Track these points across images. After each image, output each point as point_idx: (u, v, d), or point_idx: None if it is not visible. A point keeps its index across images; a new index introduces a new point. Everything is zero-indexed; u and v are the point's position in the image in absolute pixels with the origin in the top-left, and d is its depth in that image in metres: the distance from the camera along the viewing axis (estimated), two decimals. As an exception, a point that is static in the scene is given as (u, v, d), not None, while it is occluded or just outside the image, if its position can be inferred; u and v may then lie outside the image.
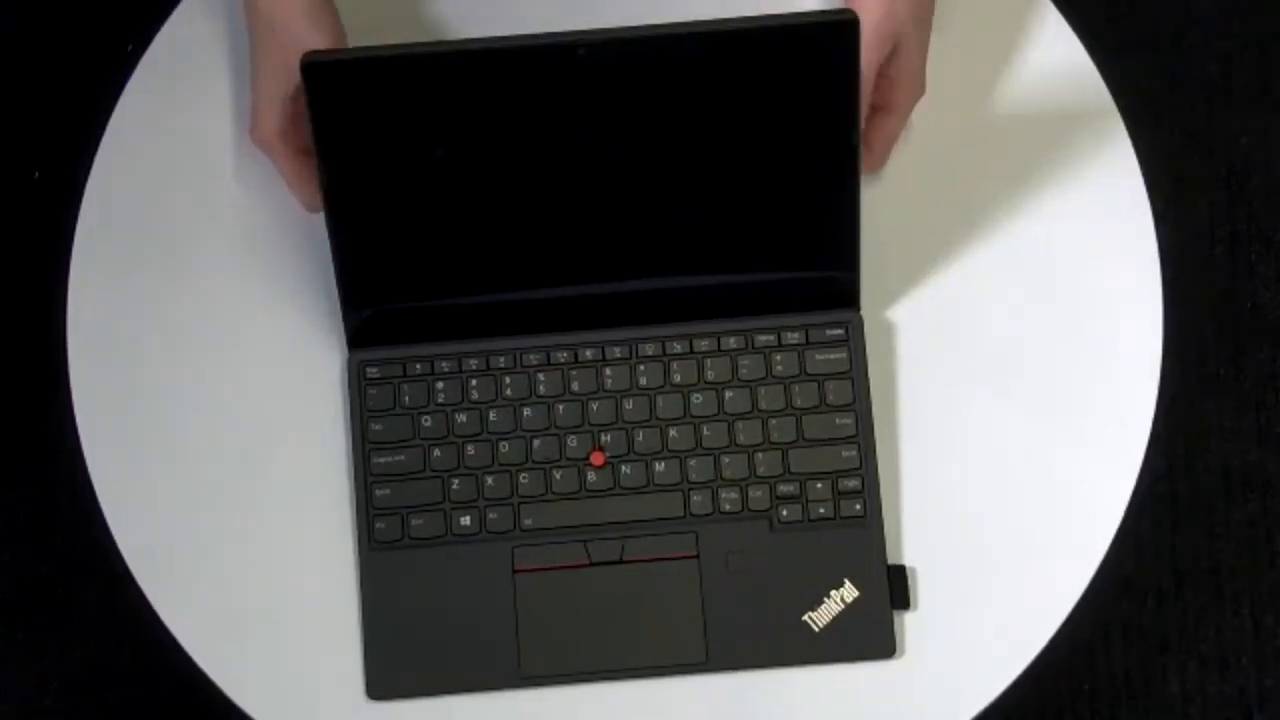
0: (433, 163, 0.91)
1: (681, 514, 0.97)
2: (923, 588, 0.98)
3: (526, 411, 0.98)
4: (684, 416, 0.98)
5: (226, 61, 1.05)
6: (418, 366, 0.99)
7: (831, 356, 0.99)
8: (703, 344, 0.99)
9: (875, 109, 0.99)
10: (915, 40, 0.97)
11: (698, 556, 0.97)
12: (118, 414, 1.01)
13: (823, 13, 0.87)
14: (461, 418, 0.98)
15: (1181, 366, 1.58)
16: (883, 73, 0.97)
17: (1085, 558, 0.98)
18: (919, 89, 0.99)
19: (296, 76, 0.93)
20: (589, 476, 0.98)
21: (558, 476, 0.98)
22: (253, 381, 1.01)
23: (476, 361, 0.99)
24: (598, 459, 0.98)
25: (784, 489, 0.97)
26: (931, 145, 1.03)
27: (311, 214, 1.01)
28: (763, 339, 0.99)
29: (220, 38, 1.05)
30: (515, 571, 0.97)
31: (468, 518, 0.97)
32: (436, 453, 0.98)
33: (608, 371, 0.99)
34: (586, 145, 0.91)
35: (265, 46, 0.96)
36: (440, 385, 0.99)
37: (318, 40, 0.95)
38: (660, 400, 0.98)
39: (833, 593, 0.96)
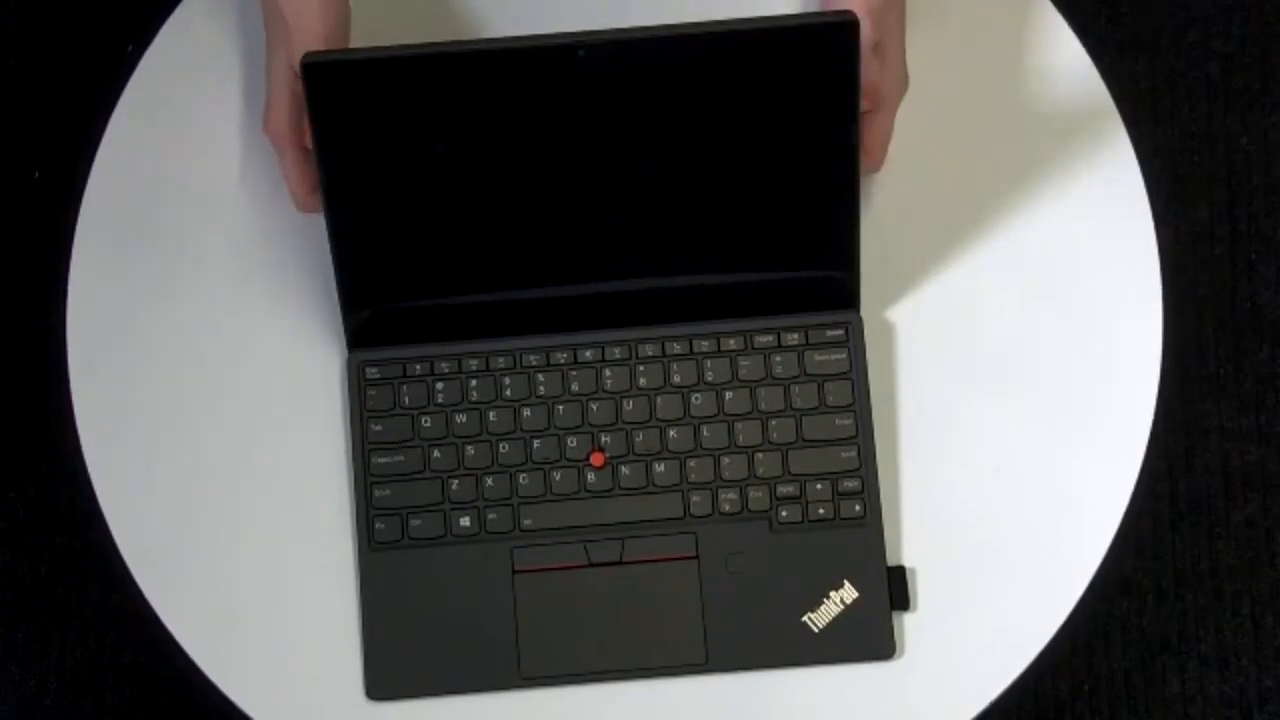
0: (433, 163, 0.91)
1: (681, 515, 0.97)
2: (922, 588, 0.98)
3: (526, 412, 0.98)
4: (683, 417, 0.98)
5: (227, 61, 1.05)
6: (417, 367, 0.99)
7: (831, 357, 0.99)
8: (702, 344, 0.99)
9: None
10: (896, 34, 0.97)
11: (697, 557, 0.97)
12: (118, 414, 1.01)
13: (822, 13, 0.87)
14: (461, 418, 0.98)
15: (1181, 366, 1.58)
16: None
17: (1085, 558, 0.98)
18: (904, 82, 0.99)
19: None
20: (589, 477, 0.98)
21: (557, 477, 0.98)
22: (253, 382, 1.01)
23: (476, 362, 0.99)
24: (597, 460, 0.98)
25: (783, 490, 0.97)
26: (932, 145, 1.03)
27: (303, 214, 1.01)
28: (762, 339, 0.99)
29: (221, 38, 1.05)
30: (515, 572, 0.97)
31: (467, 518, 0.97)
32: (436, 453, 0.98)
33: (607, 372, 0.99)
34: (586, 146, 0.91)
35: (278, 43, 0.96)
36: (440, 386, 0.99)
37: (322, 31, 0.94)
38: (660, 401, 0.98)
39: (832, 593, 0.96)
